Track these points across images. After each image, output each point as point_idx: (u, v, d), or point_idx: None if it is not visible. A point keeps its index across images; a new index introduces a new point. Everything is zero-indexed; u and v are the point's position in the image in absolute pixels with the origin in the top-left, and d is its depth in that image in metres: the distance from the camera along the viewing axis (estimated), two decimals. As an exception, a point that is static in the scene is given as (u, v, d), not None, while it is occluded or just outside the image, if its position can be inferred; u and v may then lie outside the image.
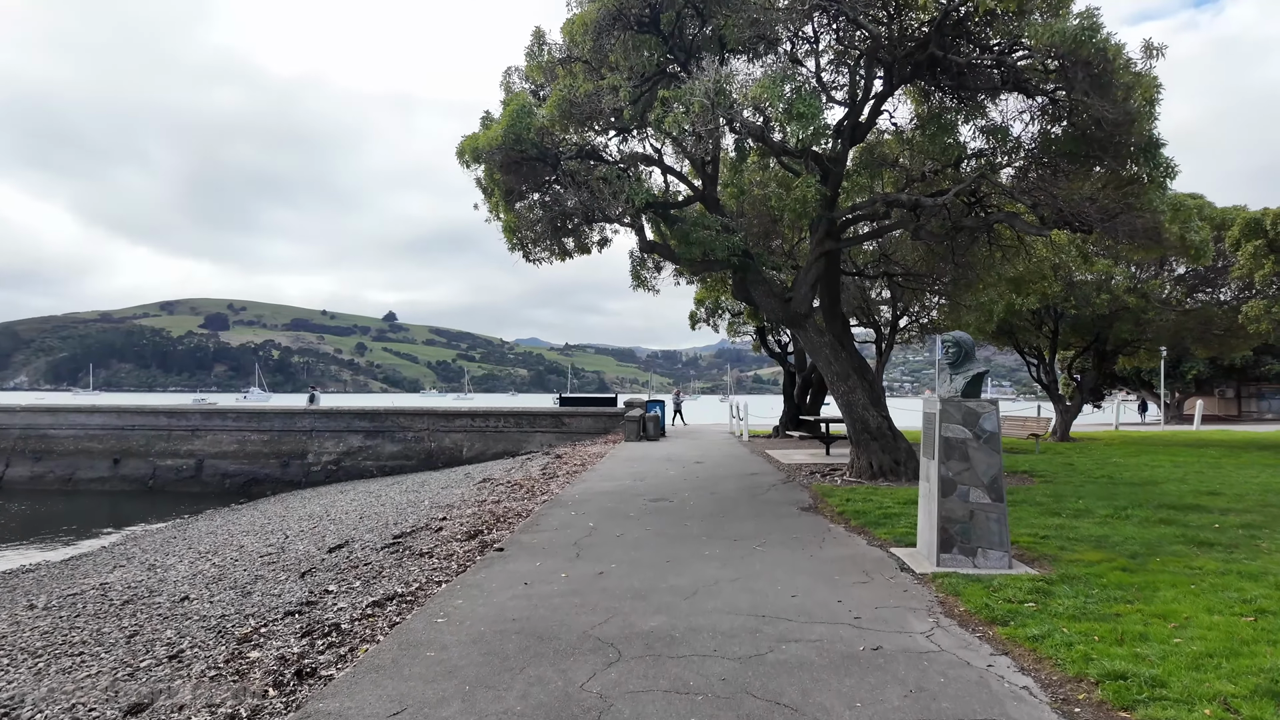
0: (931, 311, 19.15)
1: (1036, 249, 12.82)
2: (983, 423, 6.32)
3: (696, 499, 10.50)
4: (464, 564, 7.92)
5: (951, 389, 6.52)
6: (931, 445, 6.50)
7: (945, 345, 6.57)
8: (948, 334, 6.56)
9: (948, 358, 6.57)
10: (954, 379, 6.56)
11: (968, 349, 6.51)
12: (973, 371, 6.45)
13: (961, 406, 6.35)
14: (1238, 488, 10.51)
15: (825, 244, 12.29)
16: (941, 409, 6.36)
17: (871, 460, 12.48)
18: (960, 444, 6.31)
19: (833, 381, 12.72)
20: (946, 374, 6.72)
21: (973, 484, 6.30)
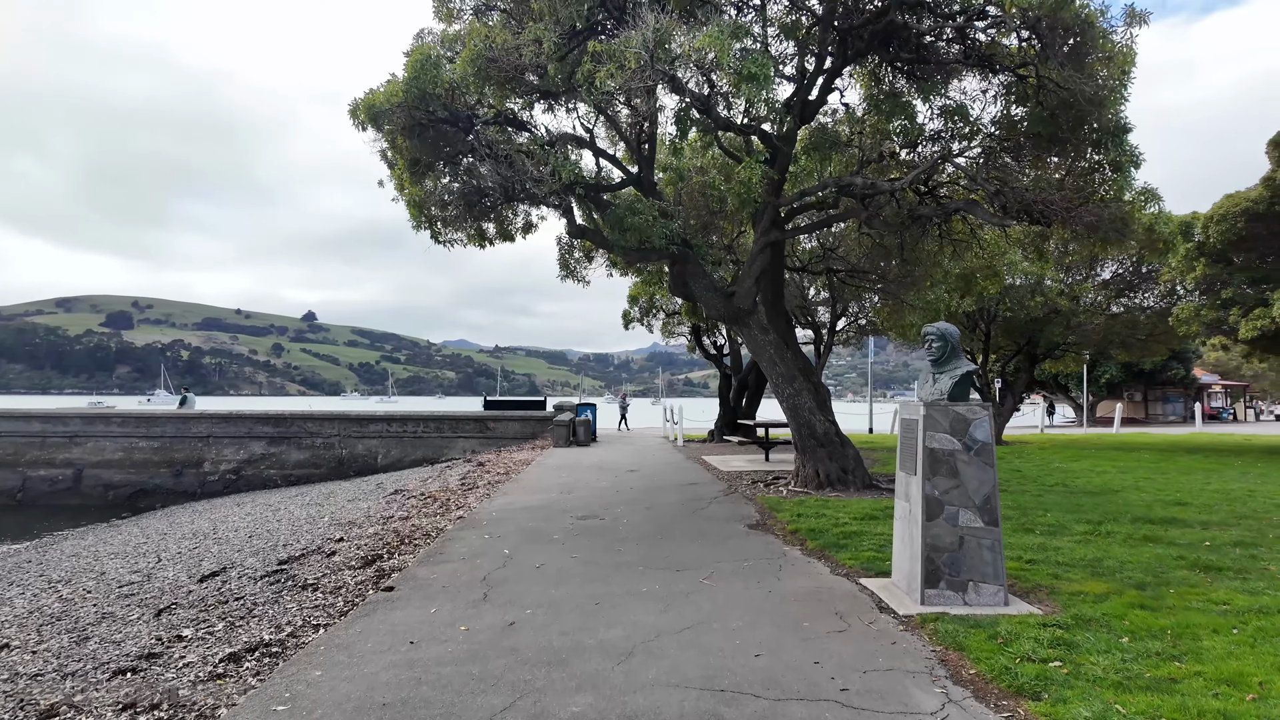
0: (870, 312, 18.51)
1: (989, 243, 12.16)
2: (974, 431, 5.29)
3: (631, 515, 9.26)
4: (353, 599, 6.52)
5: (936, 391, 5.48)
6: (912, 458, 5.44)
7: (928, 339, 5.54)
8: (931, 326, 5.54)
9: (931, 353, 5.54)
10: (938, 378, 5.53)
11: (953, 343, 5.49)
12: (960, 370, 5.43)
13: (949, 412, 5.31)
14: (1200, 496, 9.99)
15: (771, 234, 11.27)
16: (926, 415, 5.30)
17: (819, 469, 11.51)
18: (948, 456, 5.27)
19: (777, 383, 11.71)
20: (928, 373, 5.69)
21: (963, 504, 5.26)
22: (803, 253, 16.18)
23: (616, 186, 12.07)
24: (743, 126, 9.83)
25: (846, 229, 14.32)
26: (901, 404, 5.82)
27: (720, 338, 24.30)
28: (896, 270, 13.81)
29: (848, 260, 14.47)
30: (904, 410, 5.76)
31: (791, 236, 12.69)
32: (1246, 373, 61.94)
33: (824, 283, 17.25)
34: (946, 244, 12.17)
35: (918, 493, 5.32)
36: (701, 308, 12.39)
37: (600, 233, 11.12)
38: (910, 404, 5.64)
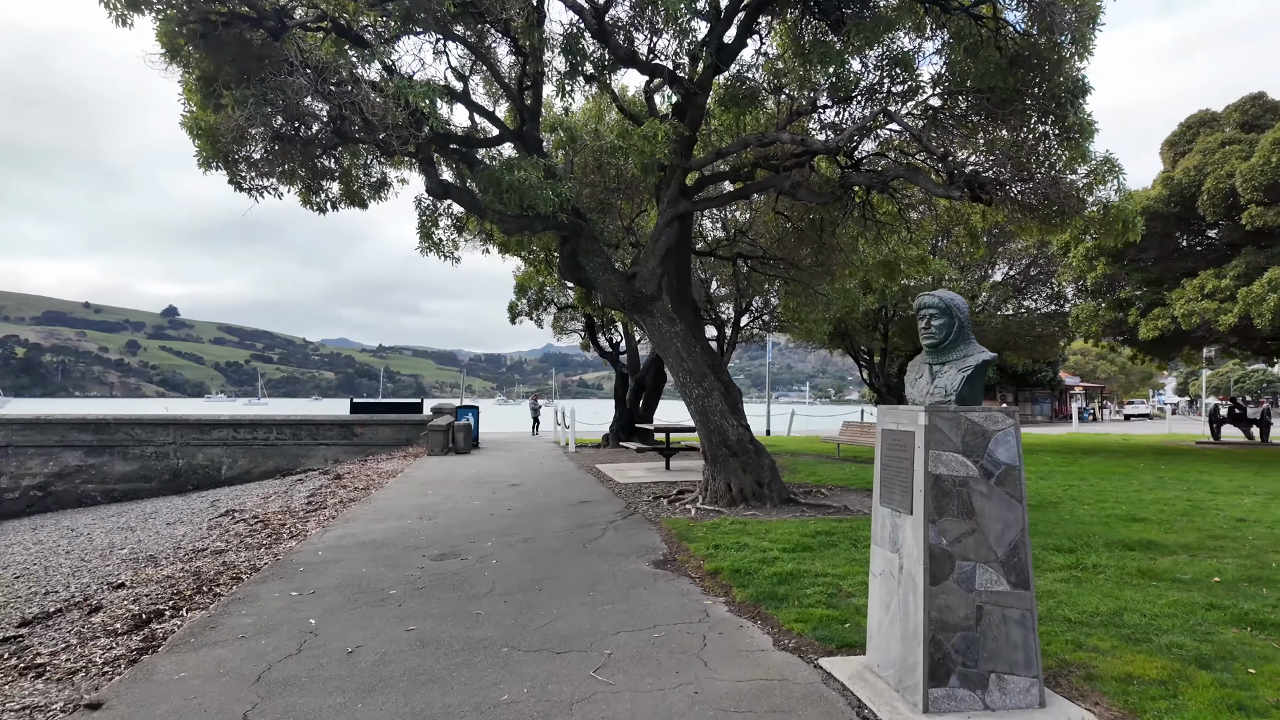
0: (776, 307, 17.20)
1: (918, 226, 10.91)
2: (996, 449, 3.61)
3: (503, 553, 7.17)
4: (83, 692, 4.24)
5: (937, 389, 3.76)
6: (904, 489, 3.70)
7: (925, 313, 3.82)
8: (929, 296, 3.84)
9: (929, 335, 3.82)
10: (939, 371, 3.82)
11: (962, 320, 3.79)
12: (972, 359, 3.74)
13: (961, 421, 3.60)
14: (1147, 508, 9.00)
15: (678, 204, 9.48)
16: (928, 426, 3.56)
17: (730, 482, 9.82)
18: (960, 487, 3.56)
19: (684, 383, 9.93)
20: (920, 364, 3.97)
21: (981, 558, 3.56)
22: (711, 240, 14.57)
23: (492, 141, 9.94)
24: (648, 64, 7.99)
25: (759, 209, 12.79)
26: (882, 410, 4.07)
27: (617, 334, 22.46)
28: (812, 257, 12.38)
29: (759, 245, 12.95)
30: (885, 418, 4.01)
31: (703, 209, 11.00)
32: (1101, 375, 66.70)
33: (729, 274, 15.72)
34: (870, 226, 10.79)
35: (916, 542, 3.57)
36: (597, 294, 10.46)
37: (471, 194, 8.96)
38: (896, 410, 3.90)
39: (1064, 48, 7.66)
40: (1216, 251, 16.29)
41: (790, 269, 12.68)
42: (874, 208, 10.75)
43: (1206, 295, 14.98)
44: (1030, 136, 8.65)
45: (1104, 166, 7.91)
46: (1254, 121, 16.02)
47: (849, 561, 6.36)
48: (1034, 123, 8.53)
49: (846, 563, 6.33)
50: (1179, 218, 16.70)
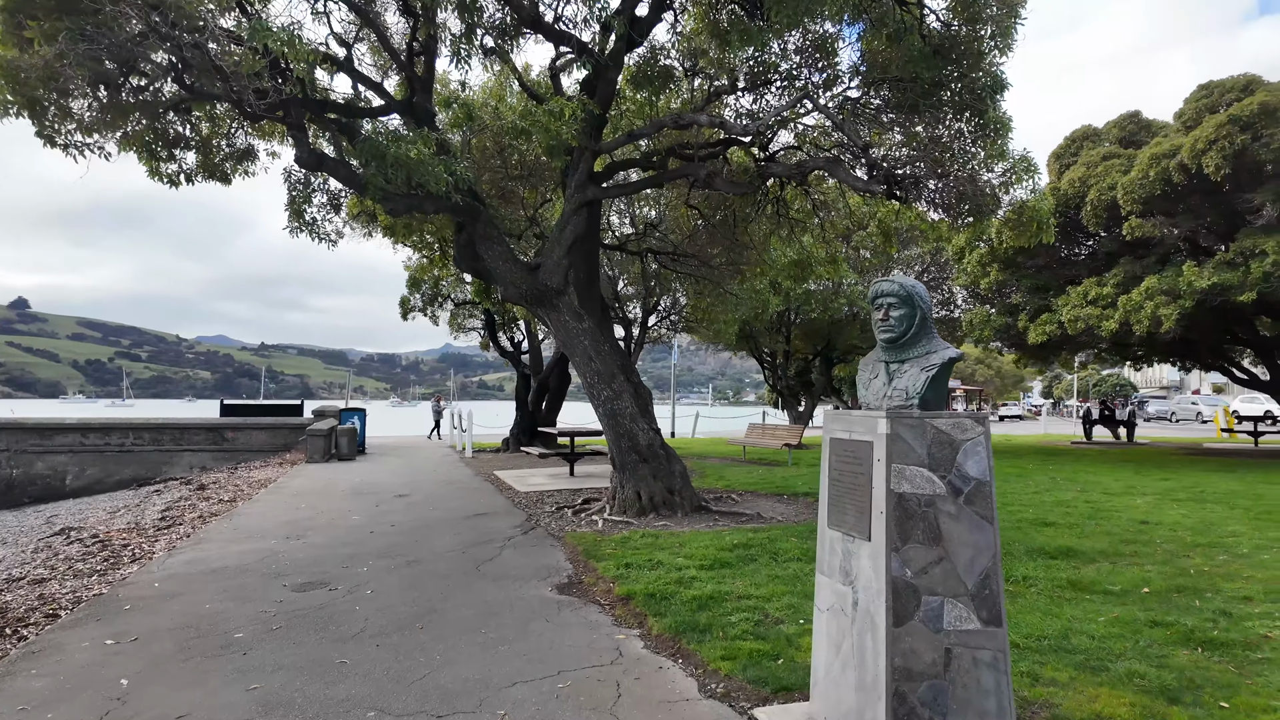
0: (684, 307, 16.77)
1: (832, 223, 10.64)
2: (965, 462, 3.08)
3: (381, 580, 6.22)
4: None
5: (896, 391, 3.22)
6: (858, 509, 3.13)
7: (883, 302, 3.27)
8: (886, 282, 3.29)
9: (885, 328, 3.27)
10: (897, 371, 3.27)
11: (925, 311, 3.26)
12: (936, 356, 3.21)
13: (926, 429, 3.06)
14: (1051, 511, 9.02)
15: (587, 190, 8.76)
16: (890, 435, 3.00)
17: (641, 490, 9.18)
18: (926, 508, 3.01)
19: (592, 384, 9.21)
20: (875, 363, 3.42)
21: (949, 591, 3.02)
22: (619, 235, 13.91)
23: (378, 111, 8.88)
24: (555, 30, 7.23)
25: (670, 204, 12.25)
26: (830, 415, 3.50)
27: (519, 333, 21.46)
28: (723, 255, 11.94)
29: (669, 241, 12.40)
30: (834, 424, 3.43)
31: (613, 196, 10.33)
32: (979, 378, 70.87)
33: (637, 271, 15.12)
34: (783, 224, 10.44)
35: (876, 574, 3.00)
36: (498, 287, 9.59)
37: (349, 168, 7.90)
38: (848, 415, 3.33)
39: (984, 41, 7.47)
40: (1098, 260, 17.12)
41: (701, 267, 12.19)
42: (787, 204, 10.40)
43: (1090, 302, 15.66)
44: (946, 134, 8.48)
45: (1021, 165, 7.80)
46: (1131, 138, 16.96)
47: (772, 580, 5.82)
48: (949, 119, 8.36)
49: (769, 581, 5.79)
50: (1064, 227, 17.45)
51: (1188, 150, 13.79)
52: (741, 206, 10.64)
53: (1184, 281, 14.06)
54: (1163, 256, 15.77)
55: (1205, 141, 13.43)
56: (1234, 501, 9.50)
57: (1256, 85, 14.62)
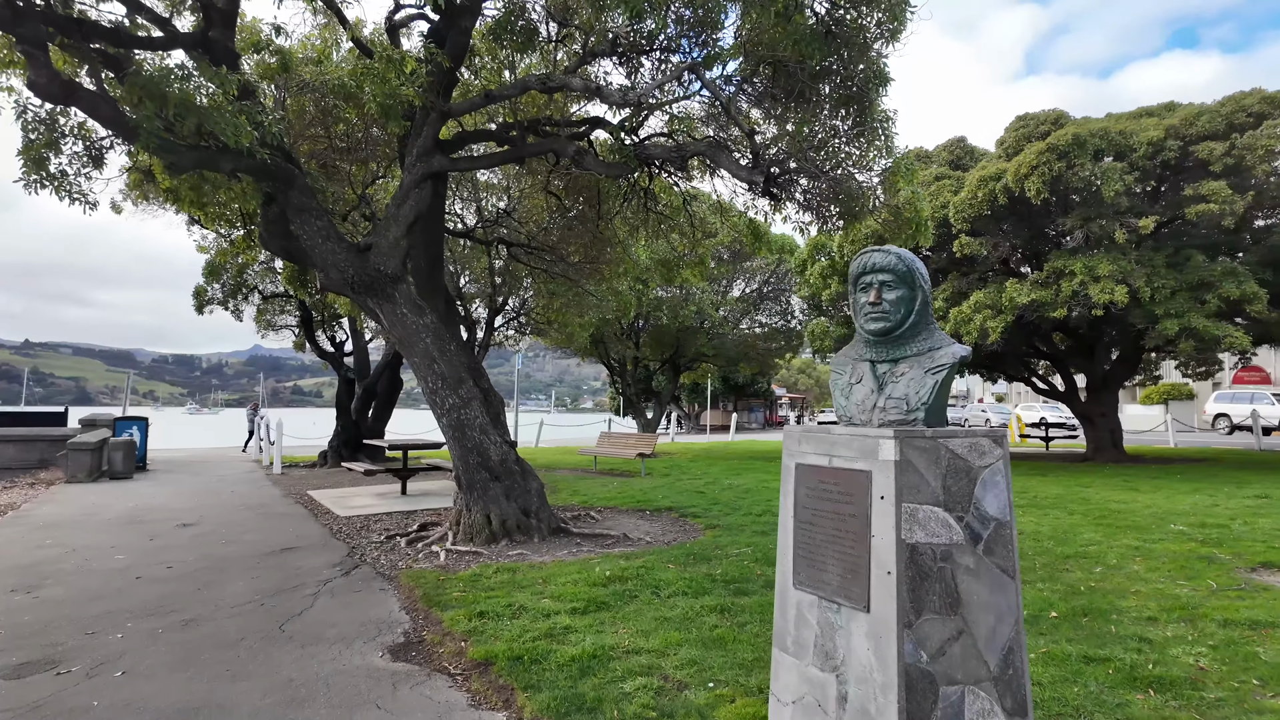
0: (534, 308, 15.58)
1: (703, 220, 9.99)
2: (984, 496, 2.31)
3: (142, 654, 4.56)
4: None
5: (893, 402, 2.38)
6: (848, 566, 2.26)
7: (875, 280, 2.45)
8: (878, 252, 2.47)
9: (880, 314, 2.44)
10: (895, 372, 2.45)
11: (926, 293, 2.47)
12: (945, 354, 2.42)
13: (941, 453, 2.24)
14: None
15: (433, 160, 7.43)
16: (901, 460, 2.14)
17: (491, 512, 7.95)
18: (941, 562, 2.19)
19: (435, 389, 7.85)
20: (855, 362, 2.57)
21: (970, 676, 2.22)
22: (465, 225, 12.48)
23: (161, 43, 6.99)
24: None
25: (527, 192, 11.07)
26: (798, 433, 2.60)
27: (342, 331, 19.16)
28: (583, 252, 10.96)
29: (523, 231, 11.20)
30: (806, 445, 2.54)
31: (464, 169, 8.99)
32: (802, 387, 75.38)
33: (483, 266, 13.74)
34: (651, 219, 9.66)
35: (880, 661, 2.12)
36: (317, 273, 7.96)
37: (113, 105, 6.04)
38: (828, 435, 2.45)
39: (869, 30, 7.08)
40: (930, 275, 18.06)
41: (557, 262, 11.12)
42: (655, 197, 9.64)
43: (924, 314, 16.39)
44: (822, 130, 8.08)
45: (903, 163, 7.52)
46: (959, 161, 18.09)
47: (661, 624, 4.89)
48: (825, 115, 7.96)
49: (658, 626, 4.85)
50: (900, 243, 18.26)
51: (1012, 174, 14.74)
52: (607, 198, 9.74)
53: (1006, 297, 14.99)
54: (985, 274, 16.85)
55: (1028, 167, 14.41)
56: (1069, 506, 9.92)
57: (1065, 119, 16.02)
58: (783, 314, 26.07)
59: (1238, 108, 14.62)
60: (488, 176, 13.15)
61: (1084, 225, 14.67)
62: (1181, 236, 15.05)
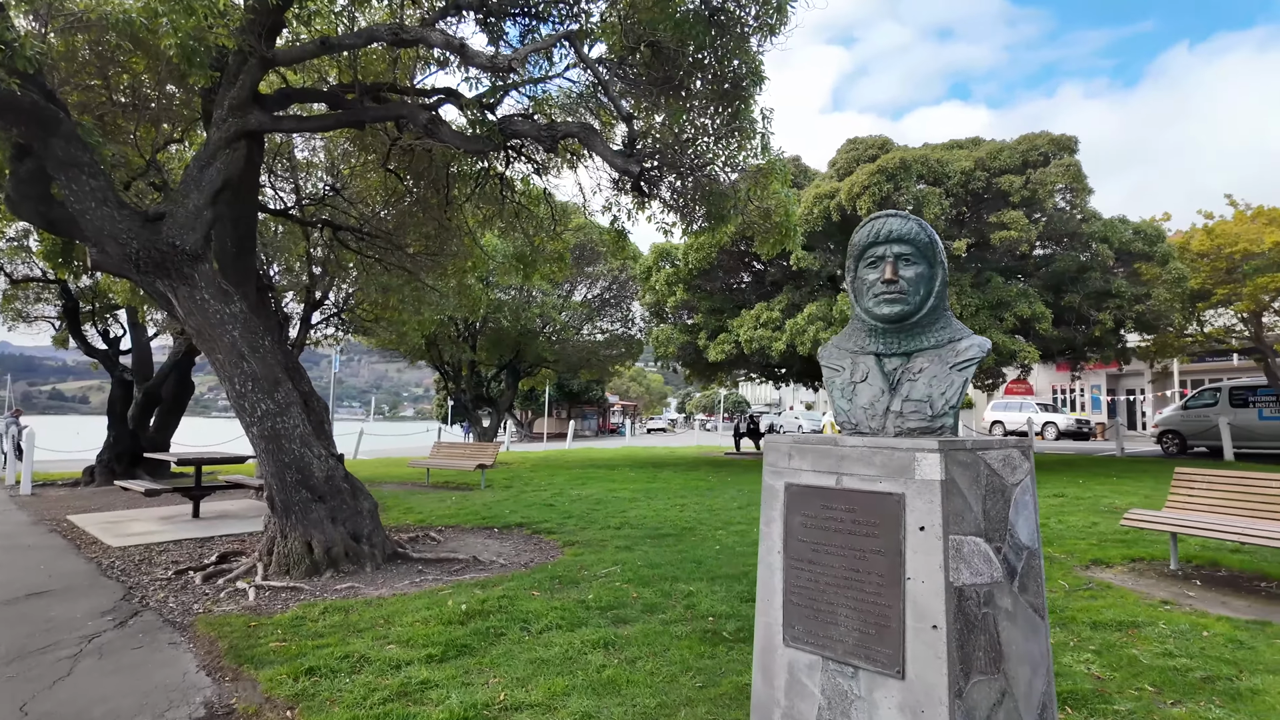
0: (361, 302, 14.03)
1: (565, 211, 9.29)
2: (1016, 520, 1.88)
3: None
4: None
5: (912, 404, 1.90)
6: (870, 618, 1.75)
7: (888, 252, 1.95)
8: (896, 218, 1.98)
9: (897, 294, 1.97)
10: (910, 369, 1.98)
11: (945, 273, 2.01)
12: (969, 347, 1.99)
13: (980, 467, 1.78)
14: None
15: (249, 115, 6.18)
16: (946, 479, 1.66)
17: (314, 538, 6.76)
18: (985, 607, 1.73)
19: (244, 392, 6.53)
20: (862, 357, 2.06)
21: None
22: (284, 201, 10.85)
23: None
24: None
25: (357, 168, 9.76)
26: (781, 443, 2.05)
27: (117, 325, 16.27)
28: (423, 242, 9.89)
29: (356, 212, 9.87)
30: (800, 461, 2.00)
31: (289, 130, 7.65)
32: (633, 394, 76.58)
33: (300, 252, 12.10)
34: (507, 207, 8.87)
35: None
36: (90, 247, 6.35)
37: None
38: (836, 445, 1.92)
39: (746, 23, 6.84)
40: (765, 287, 18.63)
41: (393, 251, 9.94)
42: (511, 185, 8.86)
43: (762, 325, 16.83)
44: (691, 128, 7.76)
45: (777, 164, 7.35)
46: (795, 179, 18.87)
47: (538, 668, 4.18)
48: (697, 109, 7.65)
49: (535, 670, 4.14)
50: (741, 255, 18.68)
51: (845, 193, 15.52)
52: (456, 182, 8.80)
53: (837, 309, 15.73)
54: (817, 286, 17.65)
55: (860, 186, 15.23)
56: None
57: (890, 145, 17.18)
58: (624, 320, 25.97)
59: (1031, 146, 16.43)
60: (307, 154, 11.62)
61: (907, 245, 15.77)
62: (985, 259, 16.63)
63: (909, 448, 1.79)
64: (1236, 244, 16.63)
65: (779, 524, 2.03)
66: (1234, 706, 3.52)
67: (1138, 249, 16.61)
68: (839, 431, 2.10)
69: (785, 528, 2.01)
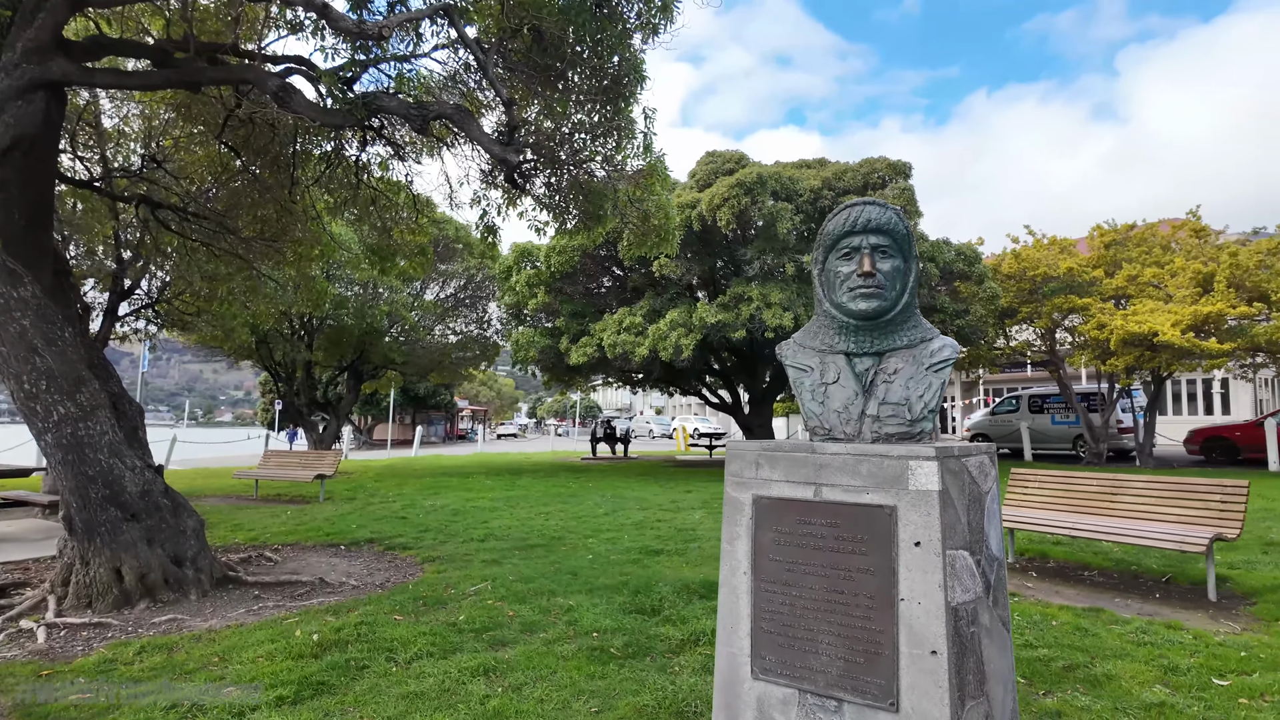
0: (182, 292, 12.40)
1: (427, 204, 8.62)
2: (989, 528, 1.79)
3: None
4: None
5: (889, 409, 1.76)
6: (858, 644, 1.58)
7: (865, 244, 1.79)
8: (870, 204, 1.82)
9: (873, 290, 1.81)
10: (884, 370, 1.83)
11: (917, 270, 1.89)
12: (944, 346, 1.88)
13: (965, 475, 1.67)
14: (645, 535, 8.65)
15: (50, 61, 5.18)
16: (943, 490, 1.52)
17: (125, 564, 5.80)
18: (972, 624, 1.61)
19: (36, 392, 5.46)
20: (829, 355, 1.90)
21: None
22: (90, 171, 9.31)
23: None
24: None
25: (183, 140, 8.54)
26: (743, 451, 1.83)
27: None
28: (259, 225, 8.89)
29: (180, 189, 8.62)
30: (770, 470, 1.80)
31: (104, 86, 6.45)
32: (483, 399, 74.49)
33: (108, 231, 10.49)
34: (362, 194, 8.15)
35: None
36: None
37: None
38: (813, 452, 1.74)
39: (628, 20, 6.69)
40: (627, 293, 18.65)
41: (224, 235, 8.81)
42: (365, 170, 8.15)
43: (625, 329, 16.80)
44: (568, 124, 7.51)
45: (659, 166, 7.24)
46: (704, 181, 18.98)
47: (411, 703, 3.73)
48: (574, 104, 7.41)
49: (408, 707, 3.69)
50: (604, 259, 18.59)
51: (706, 204, 15.86)
52: (302, 162, 7.95)
53: (697, 317, 16.02)
54: (678, 293, 17.90)
55: (720, 198, 15.61)
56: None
57: (745, 160, 17.80)
58: (479, 322, 25.07)
59: (871, 169, 17.64)
60: (118, 122, 10.08)
61: (760, 257, 16.36)
62: (831, 273, 17.60)
63: (901, 455, 1.65)
64: (1038, 268, 18.77)
65: (745, 541, 1.82)
66: (1097, 693, 3.77)
67: (959, 269, 18.31)
68: (811, 437, 1.93)
69: (754, 545, 1.81)
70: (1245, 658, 4.18)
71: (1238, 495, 5.66)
